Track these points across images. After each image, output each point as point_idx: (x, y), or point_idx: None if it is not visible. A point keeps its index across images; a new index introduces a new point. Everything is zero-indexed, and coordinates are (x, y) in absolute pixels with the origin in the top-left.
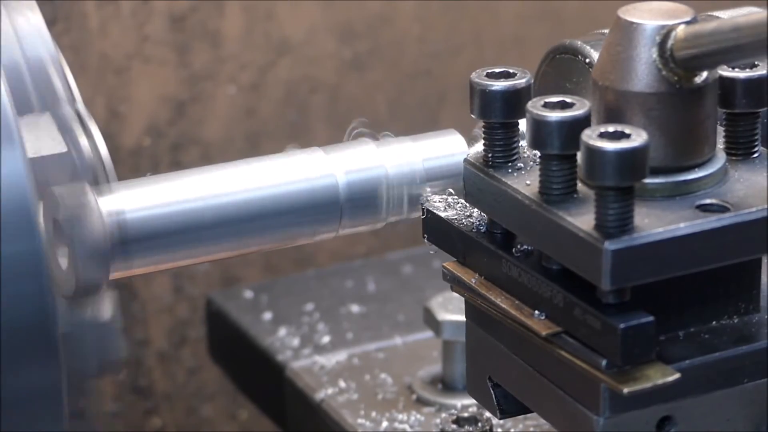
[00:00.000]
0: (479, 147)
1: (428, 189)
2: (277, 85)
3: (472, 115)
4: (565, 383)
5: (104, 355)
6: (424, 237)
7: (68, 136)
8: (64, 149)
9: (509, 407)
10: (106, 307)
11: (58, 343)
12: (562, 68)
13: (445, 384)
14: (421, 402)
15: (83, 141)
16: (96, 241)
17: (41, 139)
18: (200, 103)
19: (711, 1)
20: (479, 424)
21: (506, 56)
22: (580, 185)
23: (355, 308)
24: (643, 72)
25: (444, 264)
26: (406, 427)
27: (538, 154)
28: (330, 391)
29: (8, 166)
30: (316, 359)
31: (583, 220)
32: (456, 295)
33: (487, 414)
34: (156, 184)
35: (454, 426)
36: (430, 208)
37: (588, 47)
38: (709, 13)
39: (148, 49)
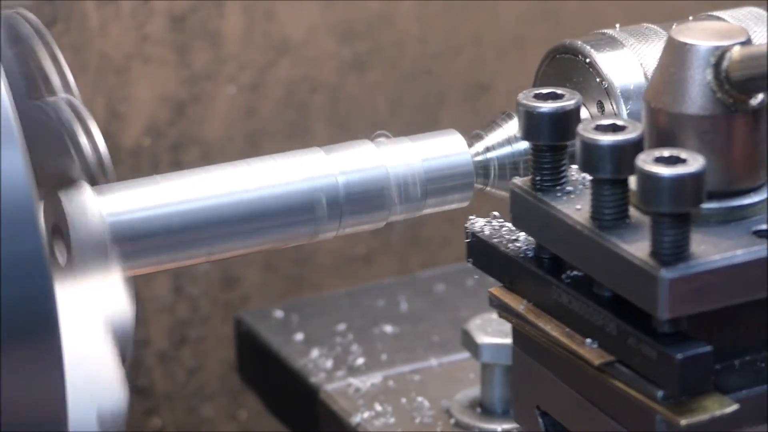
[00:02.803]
0: (479, 147)
1: (472, 217)
2: (277, 85)
3: (518, 137)
4: (619, 413)
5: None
6: (468, 261)
7: (68, 136)
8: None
9: None
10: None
11: (59, 343)
12: (562, 68)
13: (483, 408)
14: (460, 426)
15: (83, 141)
16: (95, 242)
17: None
18: (200, 103)
19: (711, 1)
20: None
21: (506, 56)
22: (632, 209)
23: (388, 328)
24: (697, 94)
25: (490, 290)
26: None
27: (587, 177)
28: (366, 414)
29: (8, 166)
30: (351, 381)
31: (637, 246)
32: (495, 317)
33: None
34: (156, 184)
35: None
36: (475, 232)
37: (588, 47)
38: (709, 13)
39: (148, 49)
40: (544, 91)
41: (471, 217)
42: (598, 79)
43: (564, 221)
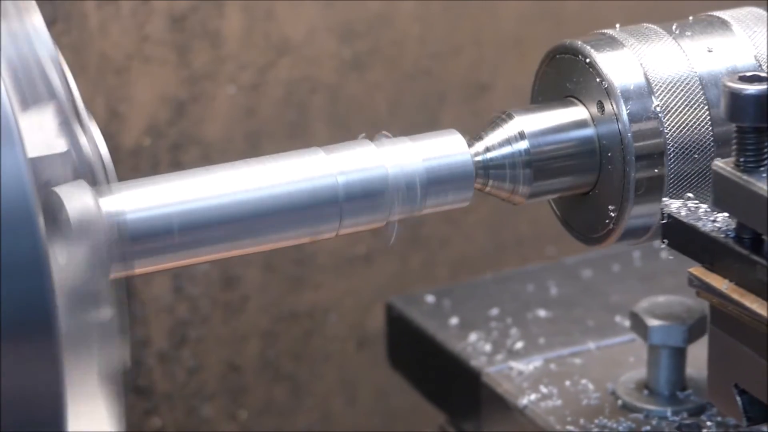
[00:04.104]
0: (479, 147)
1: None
2: (277, 85)
3: (723, 118)
4: None
5: (105, 356)
6: (663, 242)
7: (68, 136)
8: (64, 149)
9: (756, 414)
10: (106, 308)
11: (58, 343)
12: (562, 68)
13: (650, 390)
14: (627, 408)
15: (83, 141)
16: (97, 242)
17: (41, 139)
18: (200, 103)
19: (711, 1)
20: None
21: (506, 56)
22: None
23: (542, 313)
24: None
25: (690, 270)
26: None
27: None
28: (532, 396)
29: (8, 166)
30: (512, 365)
31: None
32: (661, 300)
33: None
34: (156, 184)
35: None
36: (672, 213)
37: (588, 47)
38: (709, 13)
39: (148, 49)
40: (748, 73)
41: (664, 199)
42: (598, 79)
43: None
